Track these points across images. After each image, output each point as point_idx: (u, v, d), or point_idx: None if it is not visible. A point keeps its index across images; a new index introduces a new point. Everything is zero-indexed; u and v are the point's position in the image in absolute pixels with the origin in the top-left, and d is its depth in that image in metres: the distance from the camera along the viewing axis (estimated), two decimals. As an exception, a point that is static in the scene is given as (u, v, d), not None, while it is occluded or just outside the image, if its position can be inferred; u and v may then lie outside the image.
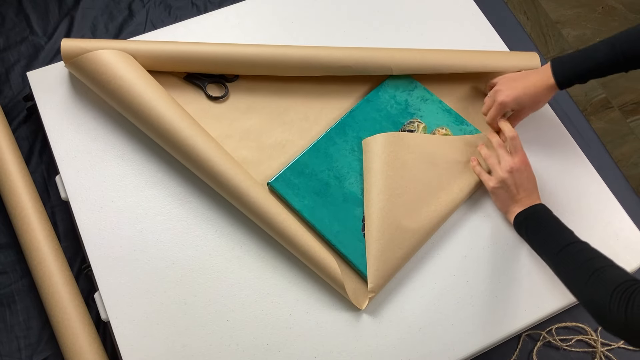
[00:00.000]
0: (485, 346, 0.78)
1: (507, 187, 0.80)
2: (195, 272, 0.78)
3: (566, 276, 0.70)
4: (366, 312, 0.78)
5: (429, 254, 0.82)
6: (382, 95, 0.90)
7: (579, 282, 0.67)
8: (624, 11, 1.91)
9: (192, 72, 0.89)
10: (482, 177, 0.84)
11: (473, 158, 0.86)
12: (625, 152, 1.70)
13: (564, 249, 0.71)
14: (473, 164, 0.85)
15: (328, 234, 0.79)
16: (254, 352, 0.75)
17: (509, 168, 0.80)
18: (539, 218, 0.77)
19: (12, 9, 1.05)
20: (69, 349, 0.78)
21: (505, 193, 0.81)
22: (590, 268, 0.67)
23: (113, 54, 0.81)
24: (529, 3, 1.88)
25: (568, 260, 0.70)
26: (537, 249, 0.76)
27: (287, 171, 0.83)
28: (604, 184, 0.90)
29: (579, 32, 1.85)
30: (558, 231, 0.74)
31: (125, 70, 0.80)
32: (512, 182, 0.80)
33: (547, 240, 0.74)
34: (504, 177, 0.80)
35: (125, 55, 0.82)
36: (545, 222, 0.76)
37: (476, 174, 0.85)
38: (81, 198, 0.81)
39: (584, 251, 0.70)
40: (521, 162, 0.81)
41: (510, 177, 0.80)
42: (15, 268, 0.86)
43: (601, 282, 0.64)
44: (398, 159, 0.82)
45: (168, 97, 0.81)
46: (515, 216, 0.79)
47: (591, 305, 0.65)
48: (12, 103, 0.97)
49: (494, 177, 0.82)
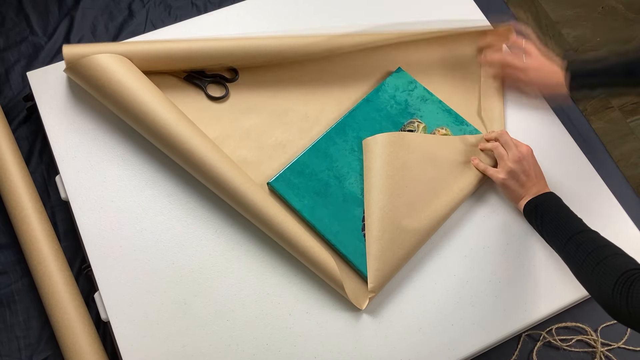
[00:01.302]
0: (485, 346, 0.78)
1: (517, 176, 0.80)
2: (195, 272, 0.78)
3: (574, 265, 0.70)
4: (366, 312, 0.78)
5: (429, 254, 0.82)
6: (382, 96, 0.90)
7: (587, 271, 0.67)
8: (624, 11, 1.91)
9: (194, 69, 0.89)
10: (488, 172, 0.84)
11: (474, 157, 0.86)
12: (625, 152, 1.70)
13: (573, 237, 0.71)
14: (475, 162, 0.85)
15: (328, 234, 0.79)
16: (254, 352, 0.75)
17: (517, 157, 0.80)
18: (549, 206, 0.77)
19: (12, 8, 1.05)
20: (69, 349, 0.78)
21: (516, 183, 0.81)
22: (597, 257, 0.66)
23: (109, 57, 0.80)
24: (529, 3, 1.88)
25: (576, 249, 0.69)
26: (547, 238, 0.76)
27: (287, 171, 0.83)
28: (604, 184, 0.90)
29: (579, 32, 1.85)
30: (568, 219, 0.74)
31: (122, 73, 0.80)
32: (521, 171, 0.80)
33: (557, 228, 0.74)
34: (512, 167, 0.80)
35: (121, 59, 0.81)
36: (555, 211, 0.76)
37: (481, 171, 0.85)
38: (81, 198, 0.81)
39: (593, 240, 0.70)
40: (527, 150, 0.82)
41: (519, 165, 0.80)
42: (15, 268, 0.86)
43: (607, 271, 0.64)
44: (398, 159, 0.82)
45: (165, 99, 0.81)
46: (525, 204, 0.79)
47: (599, 296, 0.65)
48: (12, 103, 0.97)
49: (502, 169, 0.82)
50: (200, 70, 0.89)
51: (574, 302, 0.83)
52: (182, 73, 0.89)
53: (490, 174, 0.84)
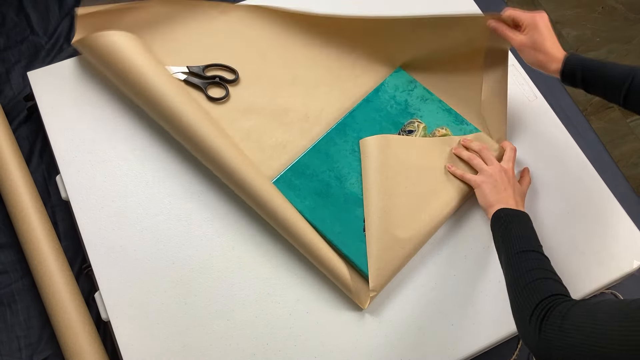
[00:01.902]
0: (485, 346, 0.78)
1: (495, 182, 0.79)
2: (195, 272, 0.78)
3: (511, 277, 0.67)
4: (366, 312, 0.78)
5: (429, 253, 0.82)
6: (382, 96, 0.90)
7: (519, 286, 0.65)
8: (624, 11, 1.91)
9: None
10: (466, 177, 0.83)
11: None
12: (625, 152, 1.70)
13: (525, 252, 0.69)
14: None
15: (330, 234, 0.79)
16: (254, 352, 0.75)
17: (499, 168, 0.81)
18: (519, 220, 0.75)
19: (13, 8, 1.05)
20: (69, 348, 0.78)
21: (493, 188, 0.79)
22: (534, 276, 0.64)
23: (122, 36, 0.81)
24: (529, 3, 1.88)
25: (521, 263, 0.68)
26: (501, 246, 0.73)
27: (287, 172, 0.83)
28: (604, 184, 0.90)
29: (579, 32, 1.85)
30: (529, 238, 0.72)
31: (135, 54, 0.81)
32: (500, 179, 0.79)
33: (515, 240, 0.71)
34: (492, 172, 0.80)
35: (134, 38, 0.82)
36: (522, 226, 0.74)
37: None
38: (81, 198, 0.81)
39: (540, 261, 0.68)
40: (510, 169, 0.81)
41: (499, 174, 0.80)
42: (16, 268, 0.86)
43: (535, 290, 0.62)
44: (396, 158, 0.82)
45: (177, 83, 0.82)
46: (497, 210, 0.77)
47: (517, 313, 0.63)
48: (12, 103, 0.97)
49: (481, 174, 0.82)
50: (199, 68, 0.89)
51: (573, 302, 0.83)
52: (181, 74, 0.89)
53: (468, 179, 0.83)
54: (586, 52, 1.81)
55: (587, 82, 0.76)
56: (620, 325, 0.50)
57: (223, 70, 0.91)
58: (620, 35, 1.86)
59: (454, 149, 0.86)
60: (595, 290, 0.84)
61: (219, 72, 0.90)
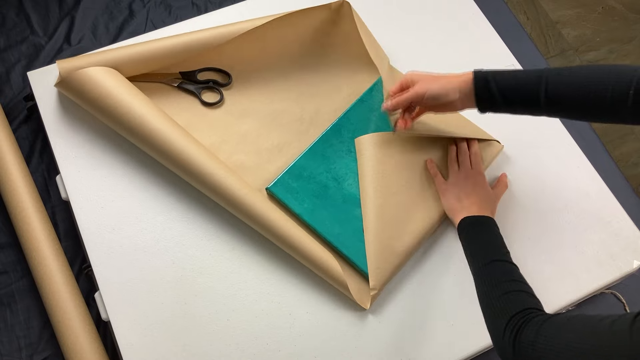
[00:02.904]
0: (485, 346, 0.78)
1: (457, 192, 0.80)
2: (195, 272, 0.78)
3: (483, 289, 0.67)
4: (366, 311, 0.78)
5: (429, 253, 0.82)
6: (376, 95, 0.90)
7: (491, 298, 0.65)
8: (624, 11, 1.91)
9: (184, 66, 0.88)
10: (435, 179, 0.83)
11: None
12: (625, 152, 1.70)
13: (493, 263, 0.69)
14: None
15: (329, 236, 0.79)
16: (254, 352, 0.75)
17: (464, 175, 0.81)
18: (483, 228, 0.75)
19: (13, 8, 1.05)
20: (69, 348, 0.78)
21: (453, 196, 0.80)
22: (504, 289, 0.64)
23: (97, 71, 0.79)
24: (529, 3, 1.88)
25: (490, 275, 0.68)
26: (470, 256, 0.73)
27: (285, 175, 0.83)
28: (604, 184, 0.90)
29: (579, 32, 1.85)
30: (496, 245, 0.72)
31: (112, 86, 0.79)
32: (463, 186, 0.80)
33: (482, 249, 0.72)
34: (457, 180, 0.81)
35: (110, 71, 0.80)
36: (487, 233, 0.74)
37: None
38: (81, 198, 0.81)
39: (510, 272, 0.68)
40: (479, 174, 0.81)
41: (464, 181, 0.80)
42: (16, 268, 0.86)
43: (507, 304, 0.62)
44: (392, 156, 0.82)
45: (158, 110, 0.80)
46: (460, 220, 0.77)
47: (491, 326, 0.63)
48: (12, 103, 0.97)
49: (450, 177, 0.82)
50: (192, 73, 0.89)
51: (574, 302, 0.83)
52: (175, 80, 0.89)
53: (436, 183, 0.83)
54: (586, 52, 1.81)
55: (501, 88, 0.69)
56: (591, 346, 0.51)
57: (216, 74, 0.90)
58: (620, 35, 1.86)
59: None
60: (595, 290, 0.84)
61: (213, 76, 0.90)
